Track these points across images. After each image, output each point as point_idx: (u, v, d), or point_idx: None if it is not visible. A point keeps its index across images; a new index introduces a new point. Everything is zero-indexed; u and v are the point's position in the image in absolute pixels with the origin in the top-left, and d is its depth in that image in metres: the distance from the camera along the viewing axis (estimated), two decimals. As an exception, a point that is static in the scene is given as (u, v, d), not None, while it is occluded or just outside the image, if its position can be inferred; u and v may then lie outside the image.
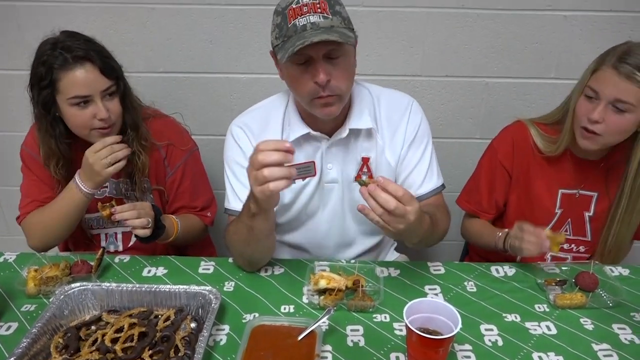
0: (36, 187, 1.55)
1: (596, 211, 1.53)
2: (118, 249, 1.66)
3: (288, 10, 1.20)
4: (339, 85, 1.24)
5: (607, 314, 1.24)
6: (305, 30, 1.18)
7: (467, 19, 1.89)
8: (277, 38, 1.24)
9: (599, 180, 1.50)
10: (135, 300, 1.21)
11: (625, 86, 1.27)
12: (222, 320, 1.20)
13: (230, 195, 1.44)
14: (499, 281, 1.37)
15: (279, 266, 1.41)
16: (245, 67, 1.98)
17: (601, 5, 1.84)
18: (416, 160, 1.44)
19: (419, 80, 1.98)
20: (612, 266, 1.44)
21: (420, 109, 1.47)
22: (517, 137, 1.55)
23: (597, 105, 1.33)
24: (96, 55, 1.40)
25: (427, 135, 1.47)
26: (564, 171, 1.51)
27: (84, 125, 1.42)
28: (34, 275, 1.28)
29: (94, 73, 1.39)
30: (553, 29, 1.89)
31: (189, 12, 1.88)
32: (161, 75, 1.98)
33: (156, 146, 1.58)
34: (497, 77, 1.99)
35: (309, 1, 1.19)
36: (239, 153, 1.41)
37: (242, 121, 1.44)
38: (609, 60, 1.31)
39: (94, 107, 1.40)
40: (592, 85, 1.34)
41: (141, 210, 1.38)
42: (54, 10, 1.86)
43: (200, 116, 2.04)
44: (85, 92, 1.38)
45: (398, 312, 1.21)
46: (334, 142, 1.40)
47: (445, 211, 1.46)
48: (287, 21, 1.20)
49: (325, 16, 1.19)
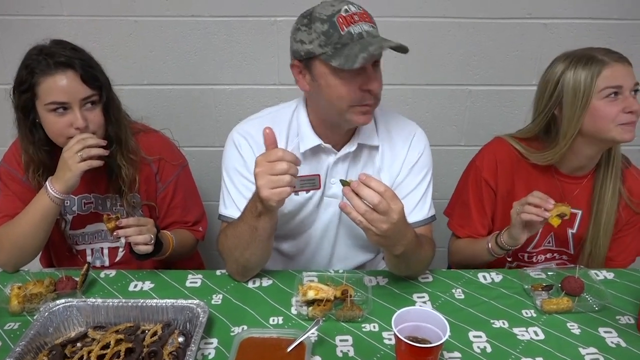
0: (11, 202, 1.50)
1: (579, 229, 1.55)
2: (104, 264, 1.64)
3: (337, 17, 1.20)
4: (380, 91, 1.28)
5: (593, 318, 1.26)
6: (363, 37, 1.20)
7: (449, 28, 1.92)
8: (323, 45, 1.21)
9: (584, 198, 1.52)
10: (122, 315, 1.19)
11: (631, 70, 1.38)
12: (210, 334, 1.19)
13: (227, 202, 1.42)
14: (486, 288, 1.38)
15: (267, 277, 1.40)
16: (230, 78, 1.98)
17: (580, 13, 1.87)
18: (411, 188, 1.42)
19: (403, 89, 2.00)
20: (597, 270, 1.46)
21: (425, 139, 1.46)
22: (500, 154, 1.54)
23: (625, 98, 1.36)
24: (79, 63, 1.37)
25: (427, 166, 1.45)
26: (548, 186, 1.51)
27: (60, 133, 1.38)
28: (17, 293, 1.26)
29: (75, 81, 1.36)
30: (533, 37, 1.92)
31: (172, 24, 1.89)
32: (145, 88, 1.97)
33: (147, 161, 1.55)
34: (480, 84, 2.01)
35: (357, 10, 1.22)
36: (240, 161, 1.39)
37: (244, 129, 1.42)
38: (606, 60, 1.36)
39: (72, 116, 1.36)
40: (609, 84, 1.36)
41: (143, 227, 1.36)
42: (37, 24, 1.85)
43: (185, 128, 2.04)
44: (63, 98, 1.35)
45: (387, 321, 1.21)
46: (341, 156, 1.39)
47: (431, 242, 1.42)
48: (339, 28, 1.19)
49: (373, 26, 1.24)
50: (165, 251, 1.47)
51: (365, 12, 1.24)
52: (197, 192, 1.70)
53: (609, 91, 1.36)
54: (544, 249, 1.60)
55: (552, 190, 1.51)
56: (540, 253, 1.61)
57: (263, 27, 1.88)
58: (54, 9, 1.85)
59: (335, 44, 1.20)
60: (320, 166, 1.40)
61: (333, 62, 1.20)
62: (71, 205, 1.55)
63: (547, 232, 1.56)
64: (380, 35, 1.23)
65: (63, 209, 1.54)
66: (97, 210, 1.57)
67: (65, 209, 1.55)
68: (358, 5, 1.25)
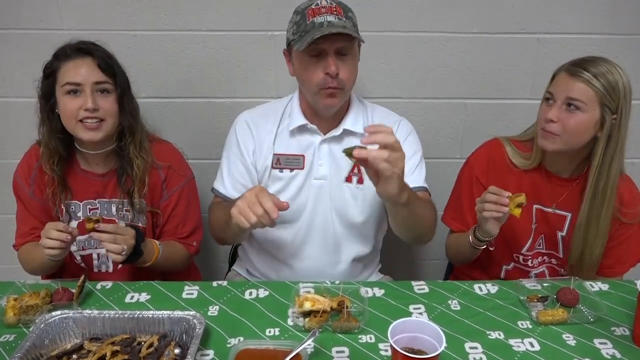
0: (24, 217, 1.59)
1: (569, 232, 1.56)
2: (109, 269, 1.64)
3: (307, 10, 1.39)
4: (345, 79, 1.41)
5: (588, 329, 1.26)
6: (323, 26, 1.36)
7: (444, 42, 1.94)
8: (294, 34, 1.41)
9: (574, 200, 1.54)
10: (118, 327, 1.19)
11: (575, 85, 1.38)
12: (207, 346, 1.19)
13: (218, 177, 1.62)
14: (482, 299, 1.38)
15: (263, 289, 1.41)
16: (228, 91, 1.99)
17: (572, 29, 1.90)
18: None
19: (400, 102, 2.02)
20: (592, 281, 1.46)
21: (411, 126, 1.63)
22: (493, 154, 1.60)
23: (553, 106, 1.42)
24: (98, 53, 1.47)
25: (416, 146, 1.59)
26: (538, 187, 1.55)
27: (72, 114, 1.44)
28: (13, 305, 1.26)
29: (91, 66, 1.45)
30: (527, 51, 1.95)
31: (171, 38, 1.90)
32: (143, 101, 1.98)
33: (157, 166, 1.59)
34: (475, 98, 2.03)
35: (327, 4, 1.39)
36: (235, 144, 1.58)
37: (248, 116, 1.61)
38: (563, 67, 1.45)
39: (82, 97, 1.43)
40: (549, 89, 1.46)
41: (119, 237, 1.37)
42: (36, 38, 1.87)
43: (183, 141, 2.03)
44: (76, 79, 1.43)
45: (383, 332, 1.21)
46: (327, 139, 1.53)
47: (431, 204, 1.54)
48: (306, 19, 1.38)
49: (339, 18, 1.39)
50: (144, 262, 1.49)
51: (338, 6, 1.40)
52: (198, 206, 1.71)
53: (547, 94, 1.46)
54: (537, 252, 1.62)
55: (542, 191, 1.55)
56: (534, 257, 1.63)
57: (260, 41, 1.90)
58: (53, 23, 1.86)
59: (301, 31, 1.39)
60: (307, 146, 1.54)
61: (295, 46, 1.40)
62: (76, 211, 1.57)
63: (538, 235, 1.59)
64: (347, 27, 1.37)
65: (68, 216, 1.58)
66: (103, 215, 1.59)
67: (71, 216, 1.58)
68: (337, 0, 1.42)
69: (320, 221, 1.56)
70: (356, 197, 1.55)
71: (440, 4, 1.89)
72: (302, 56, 1.40)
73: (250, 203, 1.23)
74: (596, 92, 1.36)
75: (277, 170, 1.54)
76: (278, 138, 1.56)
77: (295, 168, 1.42)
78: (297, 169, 1.42)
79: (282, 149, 1.55)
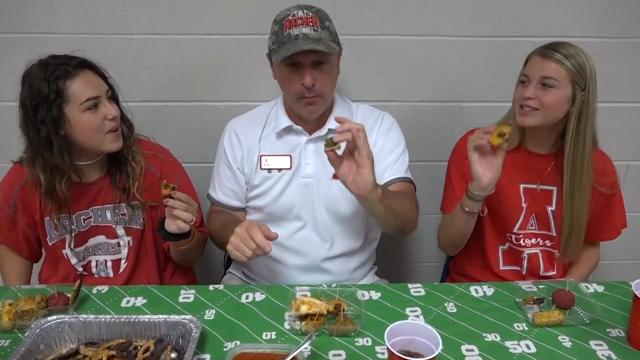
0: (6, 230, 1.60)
1: (557, 204, 1.62)
2: (109, 275, 1.63)
3: (285, 20, 1.43)
4: (322, 88, 1.46)
5: (584, 331, 1.27)
6: (298, 39, 1.39)
7: (440, 45, 1.95)
8: (273, 43, 1.46)
9: (555, 174, 1.60)
10: (114, 331, 1.18)
11: (549, 65, 1.49)
12: (203, 350, 1.19)
13: (211, 184, 1.70)
14: (478, 301, 1.39)
15: (260, 292, 1.41)
16: (223, 95, 2.00)
17: (566, 32, 1.91)
18: (387, 150, 1.60)
19: (395, 105, 2.02)
20: (587, 283, 1.47)
21: (393, 119, 1.67)
22: None
23: (528, 86, 1.52)
24: (87, 62, 1.46)
25: (399, 138, 1.63)
26: (521, 166, 1.62)
27: (99, 128, 1.44)
28: (8, 309, 1.25)
29: (95, 76, 1.46)
30: (522, 54, 1.94)
31: (166, 41, 1.90)
32: (138, 104, 1.98)
33: (150, 170, 1.59)
34: (471, 101, 2.04)
35: (304, 15, 1.42)
36: (224, 152, 1.64)
37: (235, 124, 1.67)
38: (535, 51, 1.55)
39: (104, 109, 1.44)
40: (524, 72, 1.55)
41: (190, 207, 1.40)
42: (31, 41, 1.86)
43: (178, 144, 2.04)
44: (95, 92, 1.43)
45: (380, 335, 1.21)
46: (312, 139, 1.57)
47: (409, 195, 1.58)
48: (284, 30, 1.42)
49: (315, 29, 1.41)
50: (191, 239, 1.49)
51: (315, 16, 1.43)
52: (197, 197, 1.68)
53: (522, 77, 1.55)
54: (530, 232, 1.65)
55: (525, 168, 1.62)
56: (526, 237, 1.66)
57: (256, 44, 1.90)
58: (49, 27, 1.86)
59: (279, 42, 1.43)
60: (293, 147, 1.59)
61: (274, 57, 1.44)
62: (69, 224, 1.54)
63: (529, 214, 1.63)
64: (322, 39, 1.41)
65: (61, 229, 1.55)
66: (97, 223, 1.57)
67: (65, 228, 1.54)
68: (316, 9, 1.45)
69: (310, 217, 1.59)
70: (344, 191, 1.54)
71: (435, 7, 1.90)
72: (281, 67, 1.45)
73: (242, 239, 1.28)
74: (568, 70, 1.48)
75: (265, 171, 1.59)
76: (265, 140, 1.61)
77: (282, 168, 1.49)
78: (285, 169, 1.49)
79: (269, 150, 1.60)
